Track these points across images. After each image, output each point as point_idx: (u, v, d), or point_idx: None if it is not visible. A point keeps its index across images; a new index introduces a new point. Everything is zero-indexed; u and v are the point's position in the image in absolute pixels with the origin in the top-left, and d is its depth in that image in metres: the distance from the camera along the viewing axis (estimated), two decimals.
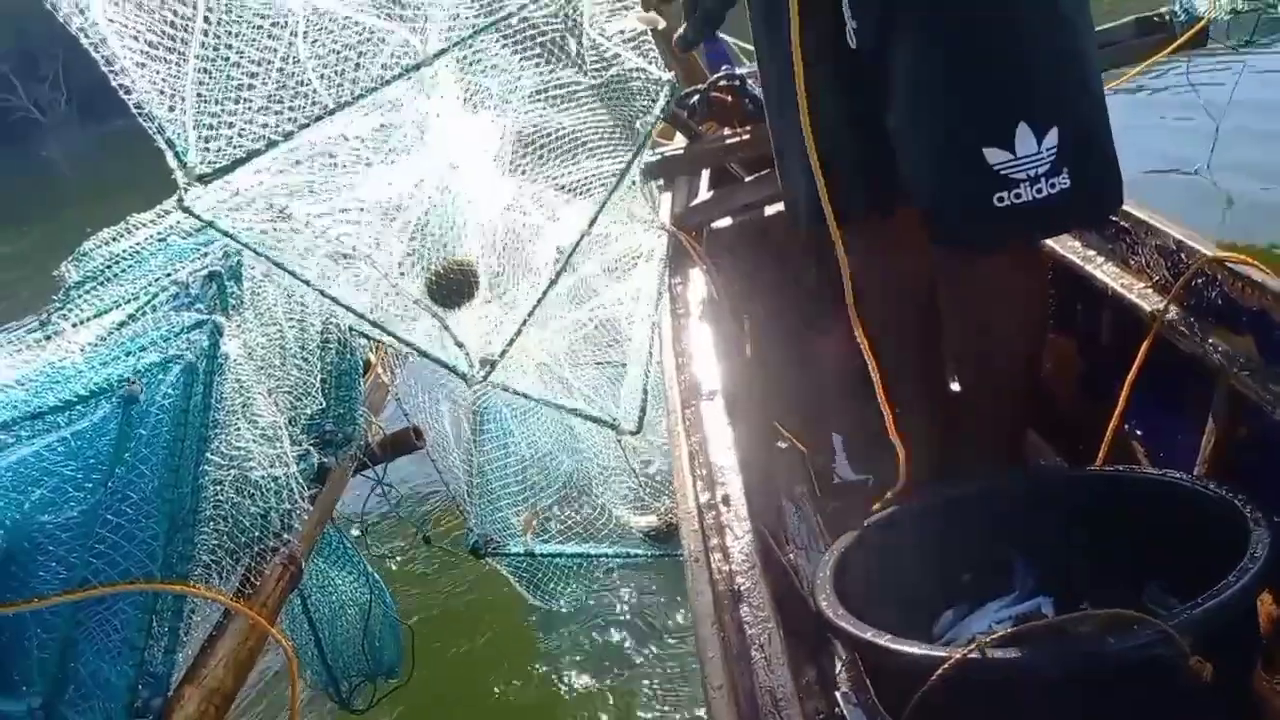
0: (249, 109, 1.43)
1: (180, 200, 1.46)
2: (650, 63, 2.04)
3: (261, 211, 1.57)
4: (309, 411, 1.80)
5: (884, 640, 1.43)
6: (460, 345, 1.61)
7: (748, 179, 3.02)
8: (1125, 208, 2.17)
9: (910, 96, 1.68)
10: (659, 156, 3.04)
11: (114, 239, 3.01)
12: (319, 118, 1.46)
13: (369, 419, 1.99)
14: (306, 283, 1.56)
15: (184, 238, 2.73)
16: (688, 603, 1.46)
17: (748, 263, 2.81)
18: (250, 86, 1.44)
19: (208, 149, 1.41)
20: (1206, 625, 1.22)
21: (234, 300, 1.90)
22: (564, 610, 2.71)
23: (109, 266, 2.75)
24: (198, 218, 1.49)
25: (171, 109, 1.36)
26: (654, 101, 2.06)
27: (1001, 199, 1.60)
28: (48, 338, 2.22)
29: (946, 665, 1.31)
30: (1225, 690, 1.28)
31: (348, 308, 1.56)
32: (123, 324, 1.96)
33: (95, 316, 2.25)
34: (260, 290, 1.91)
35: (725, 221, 2.92)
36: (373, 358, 2.08)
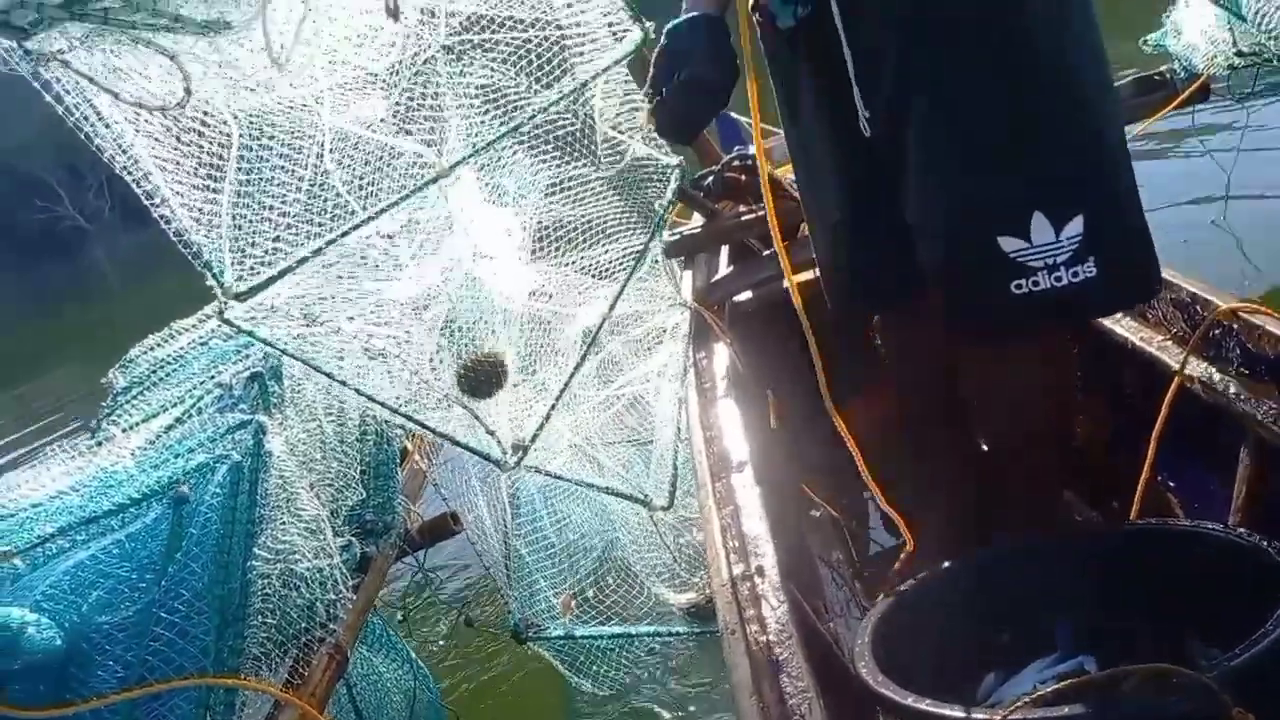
0: (280, 226, 1.51)
1: (220, 313, 1.54)
2: (660, 151, 2.12)
3: (296, 317, 1.65)
4: (350, 502, 1.86)
5: (925, 705, 1.43)
6: (492, 433, 1.66)
7: (765, 253, 3.09)
8: None
9: (922, 182, 1.67)
10: (678, 235, 3.12)
11: (158, 345, 3.13)
12: (346, 232, 1.54)
13: (407, 506, 2.03)
14: (343, 383, 1.63)
15: (225, 340, 2.83)
16: (728, 677, 1.47)
17: (770, 334, 2.85)
18: (283, 201, 1.52)
19: (243, 266, 1.49)
20: (1246, 675, 1.22)
21: (275, 399, 1.98)
22: (606, 692, 2.70)
23: (154, 371, 2.86)
24: (237, 328, 1.57)
25: (208, 234, 1.45)
26: (666, 185, 2.14)
27: (1020, 285, 1.56)
28: (99, 444, 2.30)
29: None
30: None
31: (382, 404, 1.63)
32: (170, 427, 2.03)
33: (143, 421, 2.33)
34: (300, 387, 1.99)
35: (746, 295, 2.98)
36: (409, 445, 2.13)
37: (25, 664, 1.39)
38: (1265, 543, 1.48)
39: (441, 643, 2.95)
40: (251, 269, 1.50)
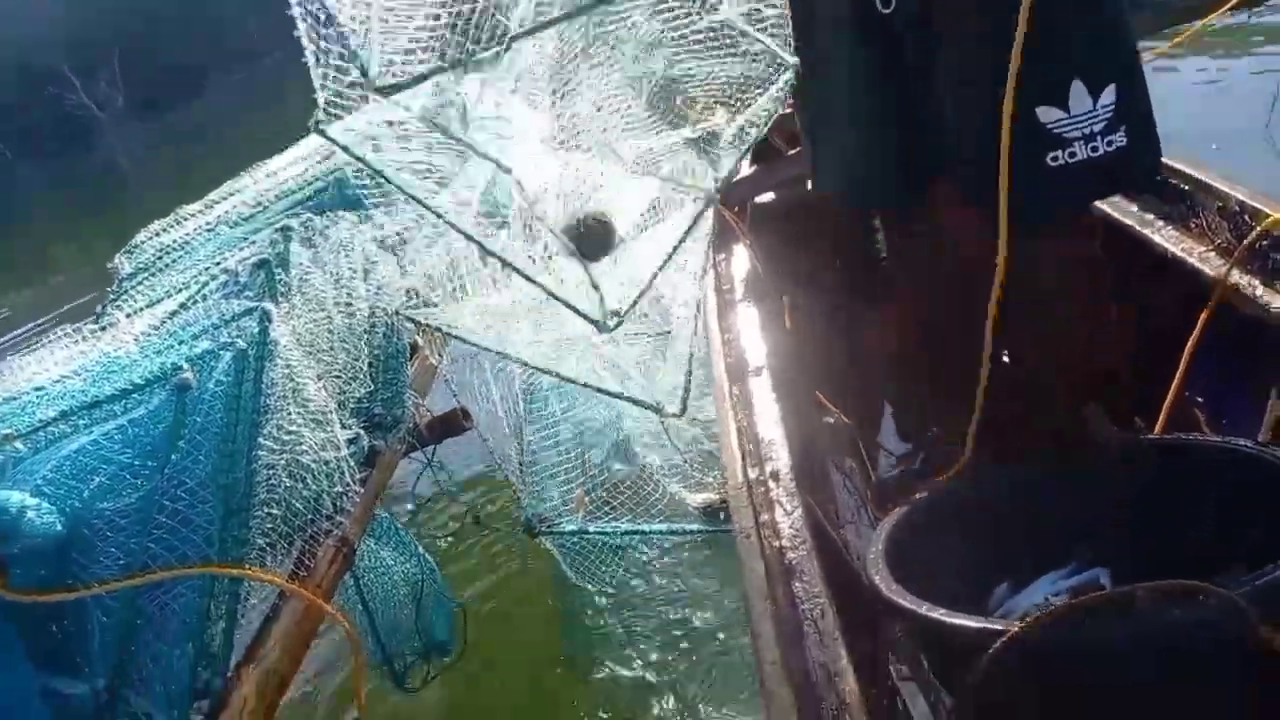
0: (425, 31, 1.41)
1: (317, 124, 1.46)
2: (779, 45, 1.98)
3: (395, 142, 1.57)
4: (357, 395, 1.82)
5: (939, 614, 1.41)
6: (597, 289, 1.59)
7: (789, 152, 2.98)
8: (1185, 169, 2.11)
9: (956, 60, 1.62)
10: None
11: (164, 230, 3.07)
12: (507, 39, 1.43)
13: (416, 401, 2.00)
14: (439, 214, 1.54)
15: (231, 227, 2.77)
16: (739, 580, 1.45)
17: (790, 237, 2.77)
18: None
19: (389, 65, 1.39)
20: (1275, 594, 1.18)
21: (282, 287, 1.92)
22: (615, 590, 2.72)
23: (160, 257, 2.80)
24: (332, 140, 1.49)
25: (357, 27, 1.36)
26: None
27: (1055, 158, 1.57)
28: (103, 329, 2.26)
29: (1004, 639, 1.28)
30: None
31: (479, 242, 1.53)
32: (174, 313, 1.99)
33: (148, 306, 2.29)
34: (308, 277, 1.93)
35: (767, 196, 2.89)
36: (420, 340, 2.09)
37: (25, 548, 1.38)
38: None
39: (449, 538, 2.97)
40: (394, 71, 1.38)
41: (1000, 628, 1.34)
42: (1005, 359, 2.67)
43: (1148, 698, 1.28)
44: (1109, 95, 1.55)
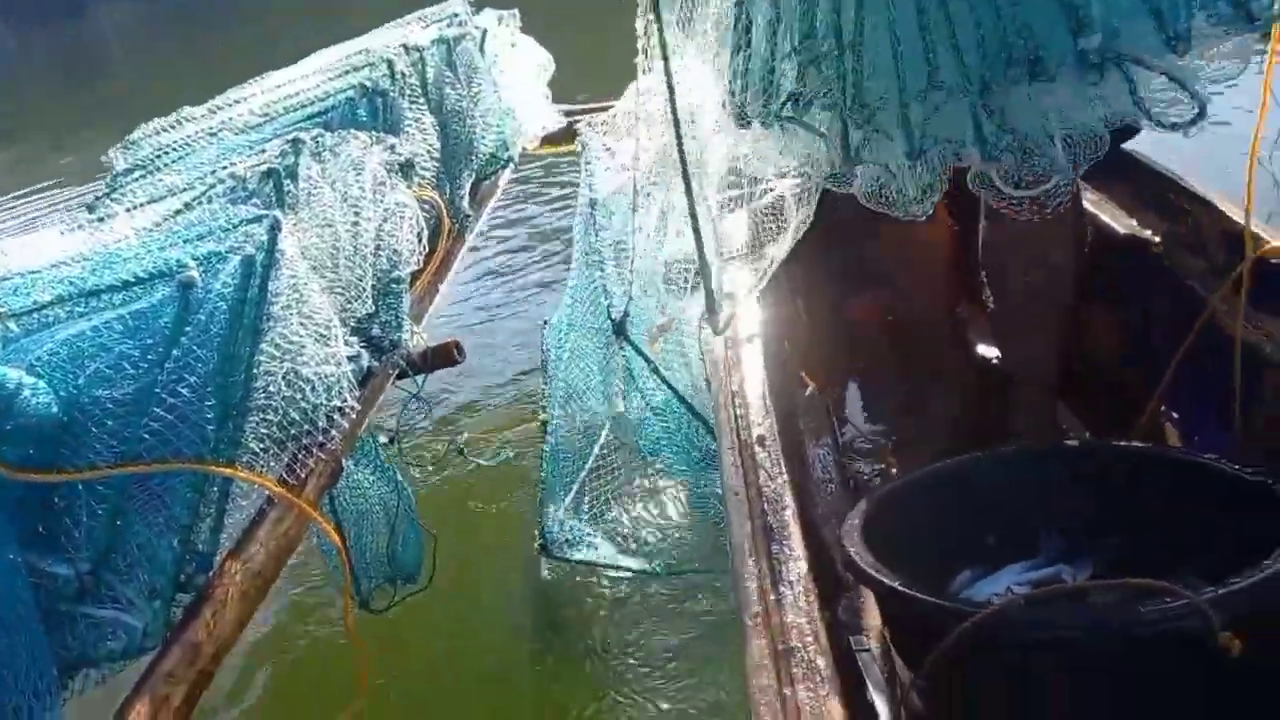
0: None
1: None
2: None
3: None
4: (358, 315, 1.82)
5: (909, 590, 1.45)
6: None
7: None
8: (1190, 186, 2.14)
9: None
10: None
11: (164, 130, 3.02)
12: None
13: (413, 328, 2.00)
14: None
15: (236, 134, 2.73)
16: (727, 535, 1.48)
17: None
18: None
19: None
20: (1240, 605, 1.23)
21: (290, 199, 1.91)
22: (590, 531, 2.76)
23: (158, 156, 2.76)
24: None
25: None
26: None
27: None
28: (99, 220, 2.23)
29: (973, 620, 1.32)
30: (1255, 669, 1.29)
31: None
32: (178, 212, 1.97)
33: (149, 203, 2.26)
34: (316, 191, 1.92)
35: None
36: (428, 267, 2.08)
37: (17, 426, 1.37)
38: (1272, 481, 1.48)
39: (429, 468, 2.98)
40: None
41: (964, 609, 1.38)
42: (985, 352, 2.74)
43: (1104, 689, 1.33)
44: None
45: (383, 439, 2.45)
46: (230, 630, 1.31)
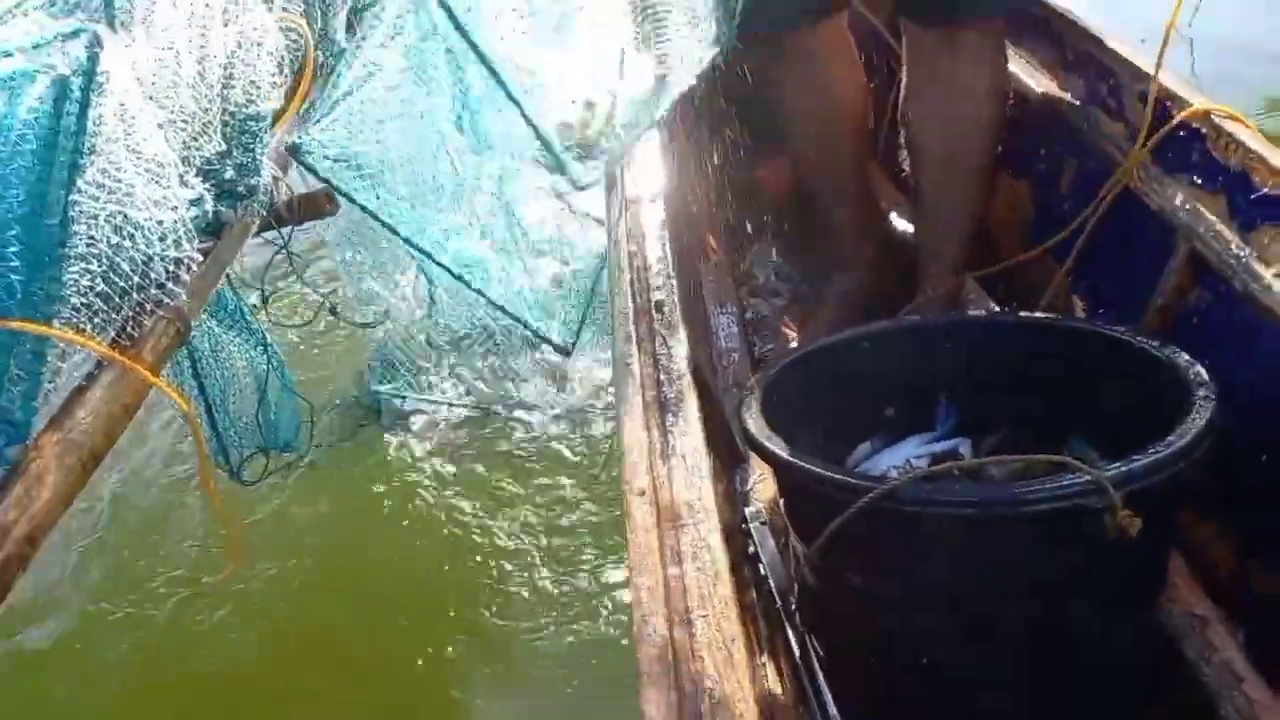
0: None
1: None
2: None
3: None
4: (205, 154, 1.60)
5: (800, 462, 1.38)
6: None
7: None
8: (1114, 46, 2.04)
9: None
10: None
11: None
12: None
13: (276, 174, 1.78)
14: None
15: None
16: (617, 407, 1.38)
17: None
18: None
19: None
20: (1140, 481, 1.19)
21: (122, 15, 1.65)
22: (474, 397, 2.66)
23: None
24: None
25: None
26: None
27: None
28: None
29: (867, 498, 1.26)
30: (1147, 549, 1.27)
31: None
32: None
33: None
34: (155, 7, 1.65)
35: None
36: (291, 106, 1.84)
37: None
38: (1179, 355, 1.43)
39: (302, 331, 2.79)
40: None
41: (860, 484, 1.32)
42: (896, 223, 2.67)
43: (997, 564, 1.30)
44: None
45: (253, 299, 2.25)
46: (48, 509, 1.16)
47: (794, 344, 2.43)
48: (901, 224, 2.61)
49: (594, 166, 2.42)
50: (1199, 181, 1.73)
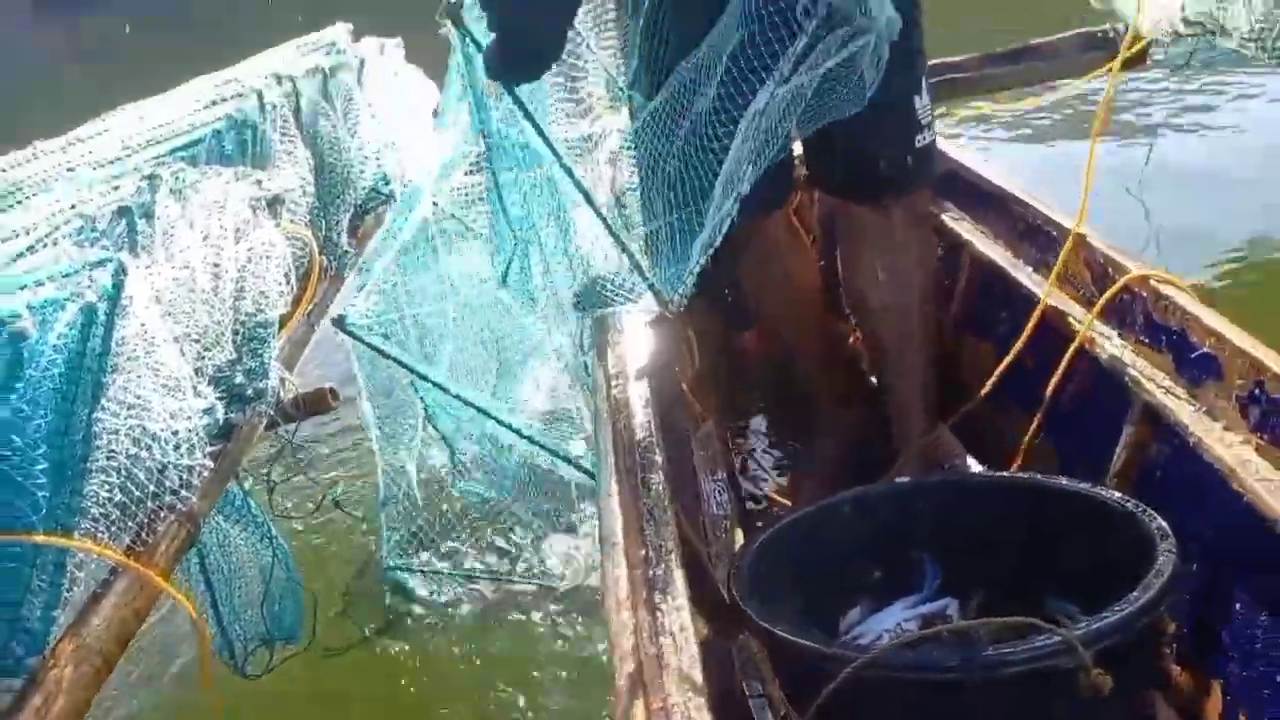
0: None
1: None
2: None
3: None
4: (218, 362, 1.71)
5: (794, 636, 1.43)
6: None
7: None
8: (1058, 219, 2.21)
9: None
10: None
11: (16, 165, 2.84)
12: None
13: (283, 375, 1.90)
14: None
15: (95, 169, 2.58)
16: (602, 591, 1.43)
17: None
18: None
19: None
20: (1109, 638, 1.24)
21: (144, 239, 1.80)
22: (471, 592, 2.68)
23: (9, 194, 2.59)
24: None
25: None
26: None
27: (922, 139, 2.08)
28: None
29: (853, 665, 1.30)
30: (1125, 704, 1.30)
31: None
32: (19, 255, 1.83)
33: None
34: (174, 231, 1.81)
35: None
36: (298, 309, 1.97)
37: None
38: (1140, 509, 1.50)
39: (306, 522, 2.85)
40: None
41: (846, 654, 1.37)
42: (865, 379, 2.77)
43: None
44: (926, 95, 2.09)
45: (266, 485, 2.33)
46: (65, 718, 1.20)
47: (783, 510, 2.49)
48: (871, 381, 2.71)
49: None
50: (1146, 341, 1.84)
